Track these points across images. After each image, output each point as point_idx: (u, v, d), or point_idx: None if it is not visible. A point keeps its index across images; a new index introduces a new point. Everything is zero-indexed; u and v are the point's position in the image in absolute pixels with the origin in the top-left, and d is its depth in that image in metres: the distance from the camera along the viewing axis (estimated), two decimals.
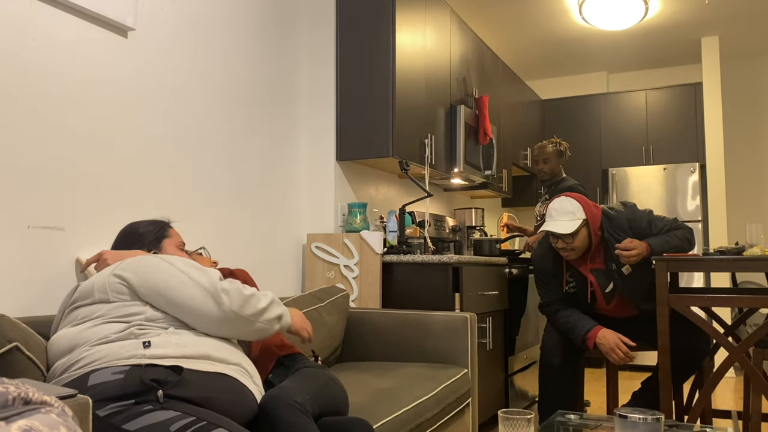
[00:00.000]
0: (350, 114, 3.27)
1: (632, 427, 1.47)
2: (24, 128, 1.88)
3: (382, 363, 2.56)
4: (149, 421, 1.27)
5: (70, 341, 1.44)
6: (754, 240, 2.60)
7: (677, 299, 2.44)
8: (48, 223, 1.94)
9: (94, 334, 1.43)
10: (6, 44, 1.84)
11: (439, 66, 3.75)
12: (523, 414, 1.42)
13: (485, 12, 4.87)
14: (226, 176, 2.75)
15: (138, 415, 1.27)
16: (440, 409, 2.18)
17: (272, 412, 1.41)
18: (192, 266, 1.55)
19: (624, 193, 5.54)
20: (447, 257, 2.91)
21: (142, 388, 1.31)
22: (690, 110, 5.53)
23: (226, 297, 1.50)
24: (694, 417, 2.41)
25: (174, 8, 2.48)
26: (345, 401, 1.71)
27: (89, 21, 2.11)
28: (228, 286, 1.53)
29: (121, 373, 1.33)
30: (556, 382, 2.77)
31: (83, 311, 1.49)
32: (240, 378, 1.47)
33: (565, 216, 2.66)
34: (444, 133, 3.80)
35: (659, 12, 4.86)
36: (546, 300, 2.86)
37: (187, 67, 2.54)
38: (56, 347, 1.45)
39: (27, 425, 0.74)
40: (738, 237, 5.63)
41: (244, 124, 2.87)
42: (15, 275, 1.84)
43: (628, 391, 4.37)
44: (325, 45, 3.34)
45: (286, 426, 1.40)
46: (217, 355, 1.46)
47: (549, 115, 6.05)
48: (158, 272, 1.51)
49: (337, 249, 3.06)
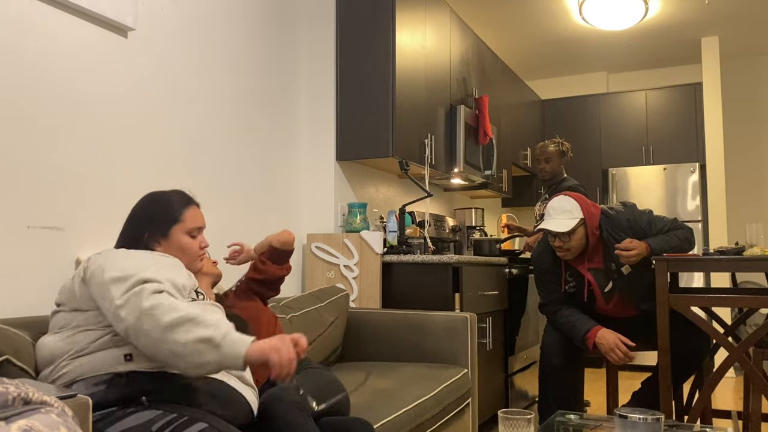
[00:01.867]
0: (350, 114, 3.27)
1: (632, 427, 1.47)
2: (24, 128, 1.88)
3: (382, 363, 2.56)
4: (131, 423, 1.26)
5: (50, 353, 1.40)
6: (754, 240, 2.60)
7: (677, 299, 2.44)
8: (48, 223, 1.94)
9: (72, 345, 1.39)
10: (6, 44, 1.84)
11: (439, 66, 3.75)
12: (523, 414, 1.42)
13: (485, 12, 4.86)
14: (226, 176, 2.75)
15: (120, 419, 1.27)
16: (440, 409, 2.19)
17: (272, 411, 1.42)
18: (120, 278, 1.36)
19: (624, 193, 5.54)
20: (447, 257, 2.91)
21: (126, 395, 1.31)
22: (690, 110, 5.52)
23: (123, 311, 1.31)
24: (694, 417, 2.41)
25: (174, 8, 2.48)
26: (346, 401, 1.71)
27: (89, 21, 2.11)
28: (135, 297, 1.32)
29: (103, 383, 1.33)
30: (556, 382, 2.77)
31: (62, 318, 1.44)
32: (228, 381, 1.45)
33: (562, 215, 2.67)
34: (444, 133, 3.80)
35: (659, 12, 4.86)
36: (546, 300, 2.86)
37: (186, 67, 2.54)
38: (39, 356, 1.42)
39: (27, 425, 0.74)
40: (738, 237, 5.63)
41: (244, 123, 2.87)
42: (15, 275, 1.84)
43: (628, 391, 4.37)
44: (326, 45, 3.34)
45: (287, 425, 1.40)
46: None
47: (549, 115, 6.05)
48: (93, 284, 1.39)
49: (337, 249, 3.06)
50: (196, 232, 1.66)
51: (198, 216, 1.68)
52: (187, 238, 1.64)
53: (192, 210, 1.67)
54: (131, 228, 1.64)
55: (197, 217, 1.67)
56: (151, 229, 1.61)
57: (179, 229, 1.63)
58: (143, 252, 1.51)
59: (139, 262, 1.41)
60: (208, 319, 1.30)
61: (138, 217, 1.64)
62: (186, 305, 1.33)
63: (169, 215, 1.63)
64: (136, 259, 1.43)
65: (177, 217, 1.63)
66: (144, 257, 1.46)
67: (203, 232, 1.70)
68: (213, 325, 1.30)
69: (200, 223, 1.67)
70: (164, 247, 1.61)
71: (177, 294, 1.40)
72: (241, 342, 1.29)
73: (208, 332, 1.28)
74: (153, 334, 1.28)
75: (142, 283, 1.35)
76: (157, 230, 1.61)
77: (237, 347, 1.28)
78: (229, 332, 1.30)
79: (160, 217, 1.62)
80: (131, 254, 1.47)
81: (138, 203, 1.68)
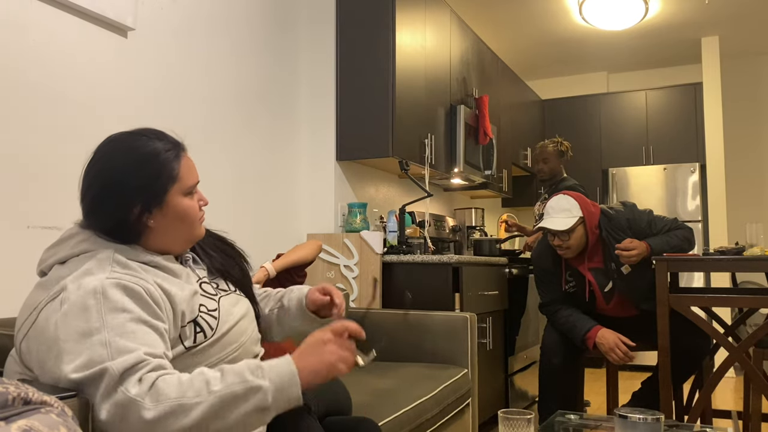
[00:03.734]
0: (350, 114, 3.28)
1: (632, 427, 1.47)
2: (24, 128, 1.88)
3: (382, 363, 2.56)
4: None
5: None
6: (754, 240, 2.60)
7: (677, 299, 2.44)
8: (48, 223, 1.94)
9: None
10: (6, 44, 1.84)
11: (439, 66, 3.75)
12: (523, 414, 1.42)
13: (485, 12, 4.86)
14: (227, 176, 2.75)
15: None
16: (440, 409, 2.18)
17: None
18: (87, 379, 0.98)
19: (624, 193, 5.54)
20: (447, 257, 2.91)
21: None
22: (690, 110, 5.52)
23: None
24: (694, 417, 2.41)
25: (174, 8, 2.48)
26: (348, 401, 1.72)
27: (89, 21, 2.11)
28: (122, 409, 0.96)
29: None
30: (556, 382, 2.77)
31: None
32: None
33: (561, 213, 2.67)
34: (444, 133, 3.80)
35: (659, 12, 4.86)
36: (546, 300, 2.86)
37: (186, 68, 2.54)
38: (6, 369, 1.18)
39: (27, 425, 0.74)
40: (738, 237, 5.62)
41: (244, 123, 2.87)
42: (15, 275, 1.84)
43: (628, 391, 4.37)
44: (326, 45, 3.34)
45: (291, 425, 1.40)
46: None
47: (549, 115, 6.05)
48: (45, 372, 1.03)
49: (337, 249, 3.06)
50: (193, 189, 1.26)
51: (192, 167, 1.27)
52: (187, 200, 1.24)
53: (186, 161, 1.26)
54: (107, 200, 1.16)
55: (192, 169, 1.27)
56: (142, 197, 1.17)
57: (177, 190, 1.22)
58: (89, 306, 1.03)
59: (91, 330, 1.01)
60: (234, 383, 1.01)
61: (117, 182, 1.17)
62: (199, 383, 1.00)
63: (162, 173, 1.20)
64: (86, 323, 1.02)
65: (173, 174, 1.21)
66: (92, 317, 1.02)
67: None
68: (244, 389, 1.00)
69: (197, 176, 1.28)
70: (157, 220, 1.20)
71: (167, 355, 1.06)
72: (287, 381, 1.03)
73: (249, 404, 1.00)
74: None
75: (121, 381, 0.97)
76: (150, 198, 1.18)
77: (287, 393, 1.03)
78: (270, 387, 1.02)
79: (149, 177, 1.18)
80: (73, 317, 1.02)
81: (102, 157, 1.20)
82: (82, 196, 1.20)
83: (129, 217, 1.17)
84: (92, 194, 1.18)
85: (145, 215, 1.18)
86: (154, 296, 1.11)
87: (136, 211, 1.17)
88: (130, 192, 1.17)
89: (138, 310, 1.07)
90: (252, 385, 1.01)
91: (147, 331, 1.06)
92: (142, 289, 1.09)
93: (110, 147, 1.22)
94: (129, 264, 1.14)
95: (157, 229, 1.21)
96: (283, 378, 1.04)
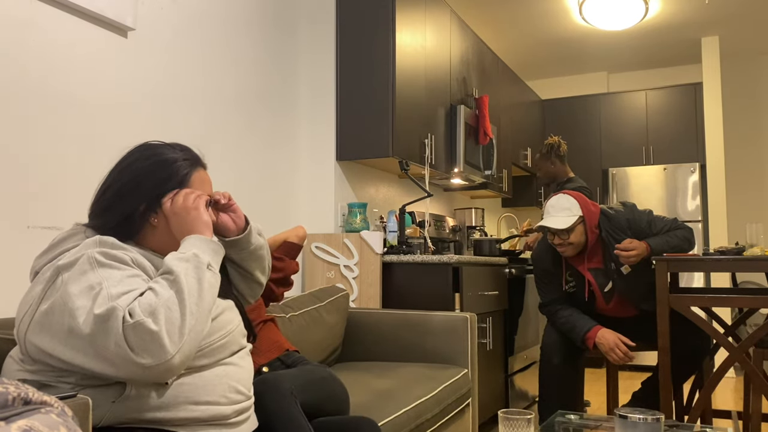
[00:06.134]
0: (350, 114, 3.27)
1: (632, 427, 1.47)
2: (24, 128, 1.88)
3: (382, 363, 2.56)
4: None
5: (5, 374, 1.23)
6: (754, 240, 2.60)
7: (677, 299, 2.44)
8: (48, 223, 1.94)
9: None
10: (6, 44, 1.84)
11: (439, 66, 3.75)
12: (523, 414, 1.42)
13: (485, 12, 4.86)
14: (226, 176, 2.75)
15: None
16: (440, 410, 2.18)
17: (259, 396, 1.44)
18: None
19: (624, 193, 5.54)
20: (447, 257, 2.91)
21: None
22: (690, 110, 5.52)
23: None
24: (694, 417, 2.41)
25: (174, 8, 2.48)
26: (346, 400, 1.71)
27: (89, 21, 2.11)
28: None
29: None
30: (556, 382, 2.77)
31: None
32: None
33: (561, 212, 2.68)
34: (444, 133, 3.80)
35: (659, 12, 4.86)
36: (546, 300, 2.86)
37: (186, 68, 2.54)
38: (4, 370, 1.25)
39: (27, 425, 0.74)
40: (738, 237, 5.63)
41: (244, 124, 2.87)
42: (15, 275, 1.84)
43: (628, 391, 4.37)
44: (326, 45, 3.34)
45: (272, 409, 1.42)
46: None
47: (549, 115, 6.05)
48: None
49: (337, 249, 3.06)
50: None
51: (206, 180, 1.37)
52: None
53: (199, 174, 1.35)
54: (121, 194, 1.29)
55: (205, 182, 1.36)
56: (150, 196, 1.29)
57: None
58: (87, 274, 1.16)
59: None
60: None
61: (134, 179, 1.30)
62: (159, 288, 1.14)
63: (173, 178, 1.31)
64: (87, 283, 1.15)
65: (183, 181, 1.32)
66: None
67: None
68: (193, 266, 1.18)
69: (210, 190, 1.37)
70: (160, 220, 1.30)
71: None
72: (198, 241, 1.23)
73: (200, 271, 1.18)
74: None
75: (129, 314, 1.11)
76: (157, 198, 1.30)
77: (207, 246, 1.24)
78: (197, 252, 1.21)
79: (161, 179, 1.30)
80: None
81: (131, 158, 1.34)
82: (101, 193, 1.33)
83: (135, 213, 1.29)
84: (112, 191, 1.31)
85: (150, 214, 1.30)
86: (138, 261, 1.23)
87: (141, 209, 1.29)
88: (141, 190, 1.29)
89: (127, 267, 1.19)
90: (191, 259, 1.19)
91: (138, 280, 1.19)
92: (128, 257, 1.21)
93: (136, 151, 1.36)
94: (116, 243, 1.23)
95: (159, 229, 1.31)
96: (195, 242, 1.23)
